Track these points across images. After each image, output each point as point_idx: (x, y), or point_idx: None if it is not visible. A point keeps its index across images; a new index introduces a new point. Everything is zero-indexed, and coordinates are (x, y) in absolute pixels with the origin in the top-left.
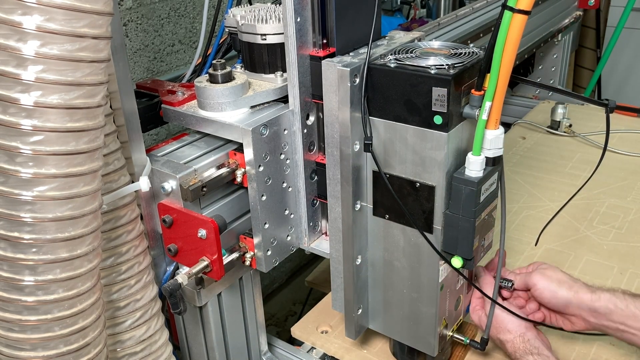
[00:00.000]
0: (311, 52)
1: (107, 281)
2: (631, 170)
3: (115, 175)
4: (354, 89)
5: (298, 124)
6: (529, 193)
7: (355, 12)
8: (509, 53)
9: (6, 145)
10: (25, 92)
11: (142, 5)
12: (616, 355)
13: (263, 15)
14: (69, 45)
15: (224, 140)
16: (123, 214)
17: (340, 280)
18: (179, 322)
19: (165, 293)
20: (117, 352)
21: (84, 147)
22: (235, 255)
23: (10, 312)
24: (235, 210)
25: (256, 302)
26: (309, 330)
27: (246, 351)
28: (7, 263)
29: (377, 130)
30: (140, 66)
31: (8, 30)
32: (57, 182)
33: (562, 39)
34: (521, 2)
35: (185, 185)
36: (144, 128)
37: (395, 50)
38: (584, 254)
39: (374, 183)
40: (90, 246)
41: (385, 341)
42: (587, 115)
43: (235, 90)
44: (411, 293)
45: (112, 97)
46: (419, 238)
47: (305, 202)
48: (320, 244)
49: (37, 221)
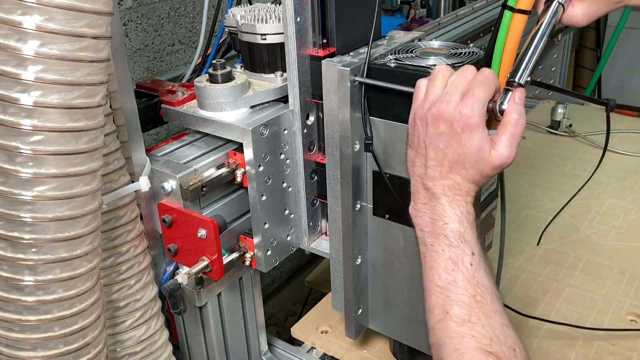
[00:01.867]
0: (311, 52)
1: (107, 281)
2: (631, 170)
3: (115, 175)
4: (354, 89)
5: (298, 123)
6: (528, 193)
7: (355, 12)
8: (509, 53)
9: (6, 145)
10: (25, 92)
11: (142, 5)
12: (616, 355)
13: (263, 15)
14: (69, 45)
15: (223, 140)
16: (123, 214)
17: (340, 280)
18: (179, 322)
19: (165, 293)
20: (117, 352)
21: (83, 147)
22: (235, 255)
23: (10, 312)
24: (235, 210)
25: (256, 302)
26: (309, 330)
27: (246, 351)
28: (7, 263)
29: (377, 130)
30: (140, 66)
31: (8, 30)
32: (57, 182)
33: (562, 38)
34: (521, 2)
35: (185, 185)
36: (144, 128)
37: (395, 50)
38: (584, 254)
39: (374, 183)
40: (90, 246)
41: (385, 341)
42: (587, 115)
43: (235, 90)
44: (411, 293)
45: (112, 97)
46: None
47: (305, 202)
48: (320, 244)
49: (37, 221)
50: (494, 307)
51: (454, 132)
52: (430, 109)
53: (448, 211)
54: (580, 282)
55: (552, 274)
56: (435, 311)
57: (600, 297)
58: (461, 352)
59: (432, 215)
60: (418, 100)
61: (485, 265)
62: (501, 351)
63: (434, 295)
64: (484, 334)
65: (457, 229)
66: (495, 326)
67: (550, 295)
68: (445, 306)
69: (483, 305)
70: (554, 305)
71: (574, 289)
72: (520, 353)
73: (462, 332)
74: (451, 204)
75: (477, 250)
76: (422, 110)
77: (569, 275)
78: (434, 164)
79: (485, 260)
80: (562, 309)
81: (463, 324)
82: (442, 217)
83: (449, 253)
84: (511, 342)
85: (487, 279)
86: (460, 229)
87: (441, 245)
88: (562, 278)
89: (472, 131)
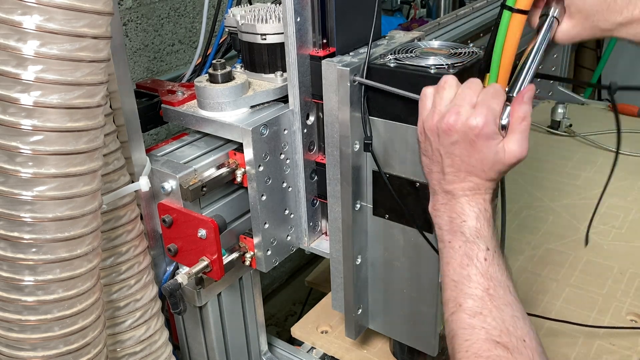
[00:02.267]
0: (311, 52)
1: (107, 281)
2: (631, 170)
3: (115, 175)
4: (354, 89)
5: (298, 123)
6: (529, 193)
7: (355, 12)
8: (509, 53)
9: (6, 145)
10: (25, 92)
11: (142, 5)
12: (616, 355)
13: (263, 15)
14: (69, 45)
15: (223, 140)
16: (123, 214)
17: (340, 280)
18: (179, 322)
19: (165, 293)
20: (117, 352)
21: (83, 147)
22: (235, 255)
23: (10, 312)
24: (235, 210)
25: (256, 302)
26: (309, 330)
27: (246, 351)
28: (7, 263)
29: (377, 130)
30: (140, 66)
31: (8, 30)
32: (57, 182)
33: None
34: (520, 2)
35: (185, 185)
36: (143, 128)
37: (395, 50)
38: (584, 254)
39: (373, 183)
40: (90, 246)
41: (385, 341)
42: (587, 115)
43: (235, 90)
44: (411, 293)
45: (112, 97)
46: (419, 238)
47: (305, 202)
48: (320, 243)
49: (37, 221)
50: (507, 300)
51: (469, 140)
52: (440, 121)
53: (466, 209)
54: (580, 282)
55: (552, 274)
56: (450, 304)
57: (600, 297)
58: (471, 342)
59: (450, 214)
60: (426, 110)
61: (499, 260)
62: (510, 341)
63: (449, 289)
64: (495, 326)
65: (474, 225)
66: (505, 318)
67: (550, 295)
68: (459, 299)
69: (495, 298)
70: (554, 305)
71: (574, 289)
72: (530, 343)
73: (474, 324)
74: (470, 202)
75: (492, 245)
76: (432, 121)
77: (569, 275)
78: (452, 170)
79: (500, 254)
80: (562, 309)
81: (475, 316)
82: (460, 215)
83: (465, 249)
84: (521, 333)
85: (501, 273)
86: (477, 225)
87: (458, 242)
88: (562, 278)
89: (488, 139)
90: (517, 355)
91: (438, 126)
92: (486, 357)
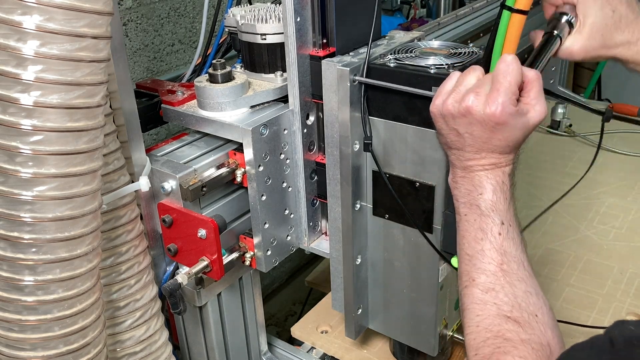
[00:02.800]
0: (311, 52)
1: (106, 281)
2: (631, 170)
3: (115, 175)
4: (354, 89)
5: (298, 123)
6: (528, 193)
7: (355, 12)
8: (508, 53)
9: (6, 145)
10: (25, 91)
11: (142, 5)
12: None
13: (263, 15)
14: (69, 45)
15: (223, 140)
16: (123, 214)
17: (340, 280)
18: (179, 322)
19: (165, 293)
20: (117, 352)
21: (83, 147)
22: (235, 255)
23: (10, 312)
24: (235, 210)
25: (256, 302)
26: (309, 330)
27: (246, 351)
28: (7, 263)
29: (377, 130)
30: (140, 66)
31: (8, 30)
32: (57, 182)
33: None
34: (519, 2)
35: (185, 185)
36: (143, 128)
37: (395, 50)
38: (584, 254)
39: (373, 183)
40: (90, 246)
41: (385, 341)
42: (587, 115)
43: (235, 90)
44: (411, 293)
45: (112, 97)
46: (418, 238)
47: (305, 202)
48: (320, 243)
49: (37, 221)
50: (520, 275)
51: (489, 127)
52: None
53: (484, 182)
54: (580, 282)
55: (552, 274)
56: (463, 277)
57: (600, 297)
58: (482, 317)
59: (468, 187)
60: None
61: (514, 233)
62: (521, 316)
63: (463, 262)
64: (506, 302)
65: (491, 198)
66: (518, 294)
67: (550, 295)
68: (472, 274)
69: (509, 273)
70: (554, 305)
71: (574, 289)
72: (543, 318)
73: (486, 300)
74: (488, 175)
75: (507, 220)
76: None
77: (569, 275)
78: (472, 149)
79: (516, 227)
80: (562, 309)
81: (487, 292)
82: (477, 187)
83: (480, 223)
84: (533, 309)
85: (515, 247)
86: (493, 199)
87: (473, 216)
88: (562, 278)
89: (508, 121)
90: (527, 329)
91: (457, 108)
92: (496, 332)
